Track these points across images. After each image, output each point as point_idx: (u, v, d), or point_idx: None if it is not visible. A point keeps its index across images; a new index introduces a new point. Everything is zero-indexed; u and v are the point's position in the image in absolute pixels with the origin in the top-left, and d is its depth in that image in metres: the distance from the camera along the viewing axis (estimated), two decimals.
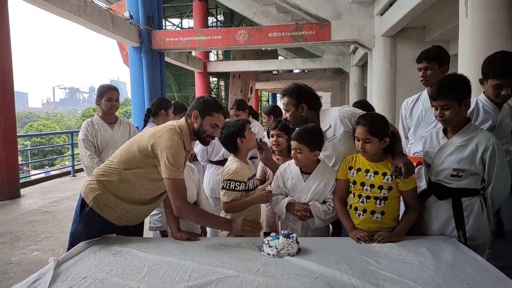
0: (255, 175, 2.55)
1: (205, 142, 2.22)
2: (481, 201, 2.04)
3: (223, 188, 2.33)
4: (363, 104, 3.67)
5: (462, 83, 2.04)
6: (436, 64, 2.58)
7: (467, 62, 4.10)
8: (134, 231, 2.26)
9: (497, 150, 1.96)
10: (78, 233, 2.11)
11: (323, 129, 2.36)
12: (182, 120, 2.18)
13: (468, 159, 2.00)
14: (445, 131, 2.13)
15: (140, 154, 2.07)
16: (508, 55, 2.26)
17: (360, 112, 2.34)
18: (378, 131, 2.05)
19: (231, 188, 2.30)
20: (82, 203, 2.13)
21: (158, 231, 2.75)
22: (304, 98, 2.38)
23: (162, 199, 2.25)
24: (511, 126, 2.30)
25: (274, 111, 4.17)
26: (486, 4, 3.93)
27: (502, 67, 2.19)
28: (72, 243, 2.08)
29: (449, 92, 1.98)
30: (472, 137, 2.01)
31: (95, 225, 2.10)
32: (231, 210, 2.34)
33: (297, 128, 2.36)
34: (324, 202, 2.28)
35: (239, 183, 2.31)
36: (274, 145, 2.83)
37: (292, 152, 2.30)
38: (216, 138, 2.31)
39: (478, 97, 2.36)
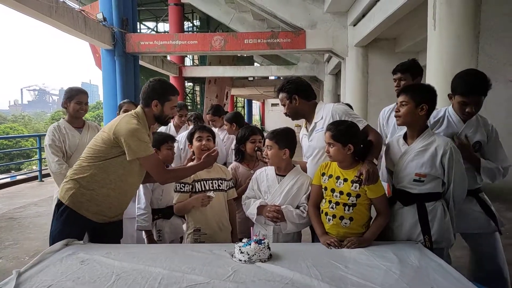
0: (219, 179, 2.53)
1: (166, 123, 2.49)
2: (443, 204, 2.14)
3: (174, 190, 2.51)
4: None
5: (426, 90, 2.17)
6: (410, 76, 2.80)
7: (435, 73, 4.27)
8: (112, 230, 2.32)
9: (454, 153, 2.08)
10: (57, 231, 2.17)
11: (315, 120, 2.46)
12: (138, 108, 2.36)
13: (428, 163, 2.09)
14: (405, 138, 2.22)
15: (105, 146, 2.19)
16: (477, 74, 2.30)
17: (353, 113, 2.43)
18: (341, 137, 2.09)
19: (177, 189, 2.46)
20: (58, 203, 2.20)
21: (143, 231, 2.76)
22: (295, 90, 2.46)
23: (136, 185, 2.38)
24: (474, 139, 2.36)
25: (236, 118, 4.03)
26: (453, 18, 4.12)
27: (469, 85, 2.27)
28: (52, 243, 2.11)
29: (410, 91, 2.14)
30: (431, 142, 2.12)
31: (74, 222, 2.17)
32: (177, 211, 2.51)
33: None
34: (298, 207, 2.31)
35: (183, 185, 2.44)
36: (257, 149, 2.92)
37: (264, 151, 2.41)
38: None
39: (448, 107, 2.46)
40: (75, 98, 3.25)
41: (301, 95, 2.46)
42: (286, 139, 2.36)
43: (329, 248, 2.05)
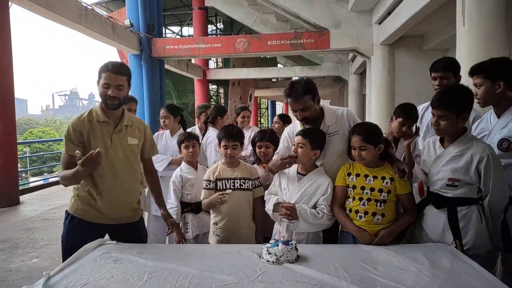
0: (242, 179, 2.58)
1: (107, 105, 2.20)
2: (478, 210, 2.04)
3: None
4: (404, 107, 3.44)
5: (465, 96, 2.03)
6: (452, 74, 2.69)
7: (465, 71, 4.13)
8: (132, 232, 2.33)
9: (492, 161, 1.96)
10: (67, 241, 2.23)
11: (328, 123, 2.39)
12: None
13: (463, 169, 2.00)
14: (442, 140, 2.14)
15: None
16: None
17: (359, 120, 2.43)
18: (372, 139, 2.12)
19: (204, 186, 2.62)
20: (66, 214, 2.28)
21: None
22: (316, 90, 2.34)
23: (131, 181, 2.32)
24: (499, 134, 2.19)
25: (287, 118, 4.33)
26: (483, 13, 3.99)
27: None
28: (63, 248, 2.24)
29: (448, 103, 1.99)
30: (468, 147, 2.01)
31: (80, 230, 2.22)
32: (204, 207, 2.66)
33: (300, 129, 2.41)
34: (314, 208, 2.29)
35: (208, 182, 2.60)
36: (262, 155, 2.91)
37: (293, 148, 2.35)
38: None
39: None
40: (127, 105, 3.30)
41: (319, 95, 2.37)
42: (320, 140, 2.34)
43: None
